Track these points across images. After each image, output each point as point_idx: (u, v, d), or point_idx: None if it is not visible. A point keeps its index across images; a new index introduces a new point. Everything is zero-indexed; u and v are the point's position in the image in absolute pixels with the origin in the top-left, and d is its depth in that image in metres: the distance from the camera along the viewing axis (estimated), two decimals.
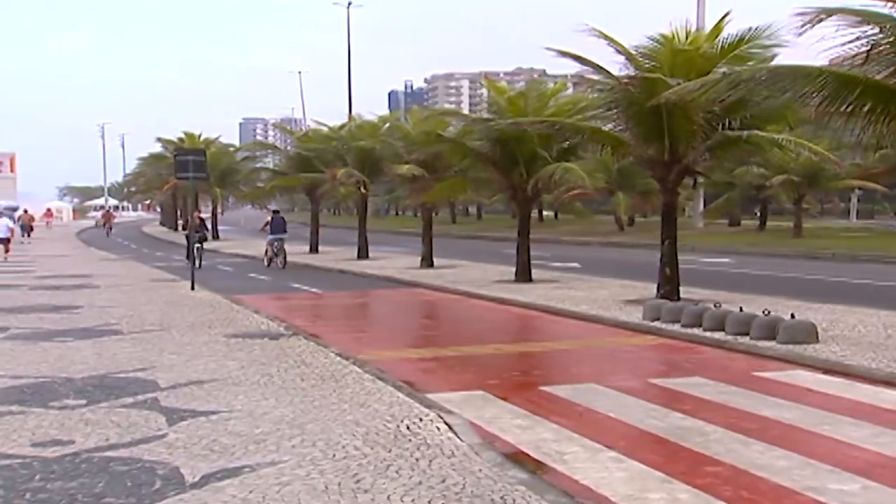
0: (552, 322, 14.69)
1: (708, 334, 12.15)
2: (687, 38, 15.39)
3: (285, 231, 28.87)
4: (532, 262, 21.19)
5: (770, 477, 6.13)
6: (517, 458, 6.66)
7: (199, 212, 31.62)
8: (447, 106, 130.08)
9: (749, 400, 8.54)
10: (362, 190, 29.69)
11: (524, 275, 20.61)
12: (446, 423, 7.36)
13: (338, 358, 10.48)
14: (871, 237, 39.87)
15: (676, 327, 12.80)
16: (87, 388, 8.55)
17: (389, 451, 6.50)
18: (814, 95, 10.28)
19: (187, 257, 25.33)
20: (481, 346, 12.26)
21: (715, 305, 12.75)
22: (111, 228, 59.67)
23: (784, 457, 6.60)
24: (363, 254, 30.24)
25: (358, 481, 5.78)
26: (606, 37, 15.46)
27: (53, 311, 15.21)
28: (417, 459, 6.32)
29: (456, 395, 8.93)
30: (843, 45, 10.41)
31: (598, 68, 15.71)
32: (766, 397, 8.63)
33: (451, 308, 17.45)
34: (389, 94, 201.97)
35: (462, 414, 7.98)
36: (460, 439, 6.92)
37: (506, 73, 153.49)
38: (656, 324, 13.21)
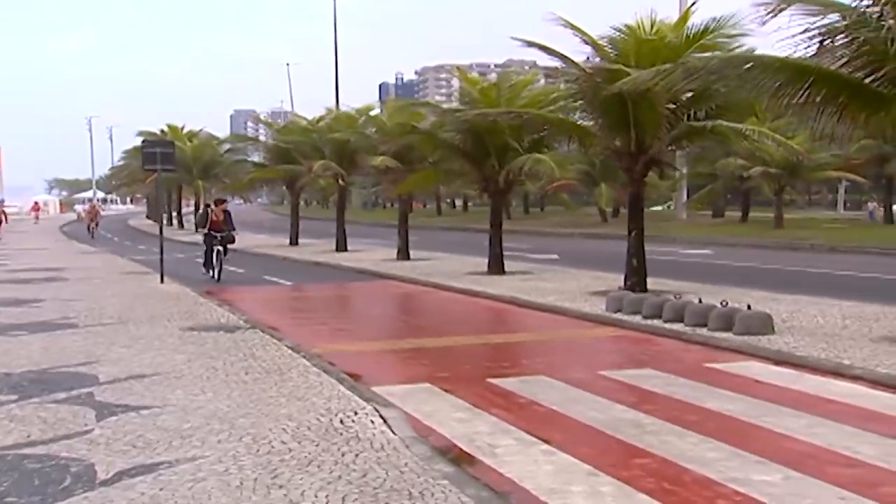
0: (516, 314, 14.63)
1: (667, 326, 12.09)
2: (652, 27, 15.28)
3: None
4: (512, 253, 21.16)
5: (696, 468, 6.06)
6: (448, 451, 6.58)
7: (225, 203, 22.22)
8: (437, 98, 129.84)
9: (695, 392, 8.47)
10: (340, 182, 29.57)
11: (496, 266, 20.53)
12: (381, 417, 7.27)
13: (289, 351, 10.40)
14: (853, 228, 39.98)
15: (637, 319, 12.74)
16: (22, 382, 8.45)
17: (317, 446, 6.42)
18: (766, 85, 10.21)
19: (204, 265, 21.28)
20: (439, 338, 12.18)
21: (675, 297, 12.69)
22: (97, 226, 48.76)
23: (715, 448, 6.53)
24: (341, 246, 30.14)
25: (275, 476, 5.70)
26: (573, 26, 15.39)
27: (14, 304, 15.08)
28: (344, 454, 6.24)
29: (401, 388, 8.85)
30: (798, 34, 10.39)
31: (564, 58, 15.61)
32: (713, 389, 8.56)
33: (418, 300, 17.38)
34: (380, 86, 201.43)
35: (403, 407, 7.91)
36: (393, 433, 6.83)
37: (497, 65, 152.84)
38: (618, 315, 13.15)
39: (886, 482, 5.68)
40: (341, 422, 7.13)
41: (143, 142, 21.37)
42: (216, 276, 20.81)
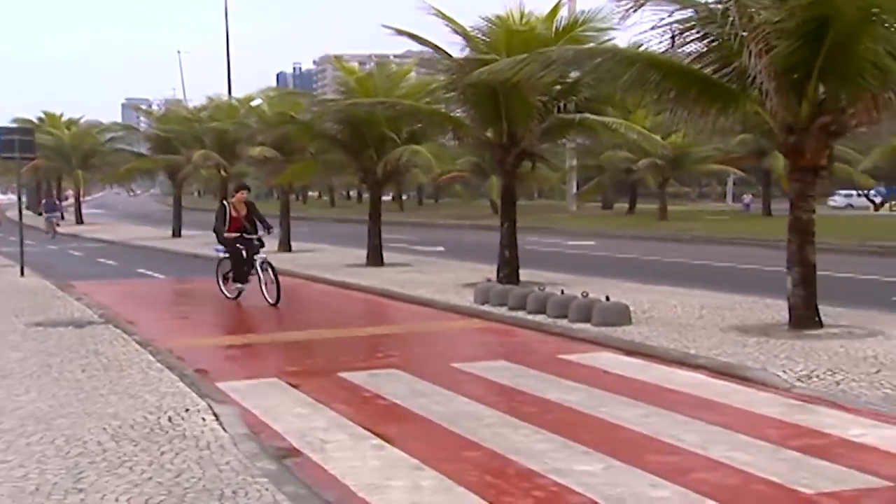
0: (385, 306, 14.49)
1: (530, 317, 12.13)
2: (522, 19, 15.32)
3: (55, 211, 40.96)
4: (398, 245, 21.02)
5: (522, 461, 6.01)
6: (276, 448, 6.39)
7: (244, 192, 15.44)
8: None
9: (542, 383, 8.46)
10: (222, 173, 28.93)
11: (375, 258, 20.36)
12: (214, 414, 7.03)
13: (136, 346, 10.02)
14: (736, 220, 41.32)
15: (503, 310, 12.74)
16: None
17: (136, 446, 6.14)
18: (619, 77, 10.30)
19: (226, 282, 15.17)
20: (300, 331, 11.95)
21: (539, 288, 12.76)
22: None
23: (547, 440, 6.51)
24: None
25: (78, 480, 5.40)
26: (443, 16, 15.30)
27: None
28: (163, 453, 5.98)
29: (246, 383, 8.61)
30: (656, 28, 10.53)
31: (436, 48, 15.55)
32: (560, 380, 8.57)
33: (290, 293, 16.91)
34: (278, 76, 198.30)
35: (242, 403, 7.69)
36: (224, 430, 6.61)
37: (396, 56, 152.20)
38: (485, 307, 13.13)
39: (699, 468, 5.75)
40: (170, 420, 6.86)
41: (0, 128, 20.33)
42: (267, 294, 14.44)
